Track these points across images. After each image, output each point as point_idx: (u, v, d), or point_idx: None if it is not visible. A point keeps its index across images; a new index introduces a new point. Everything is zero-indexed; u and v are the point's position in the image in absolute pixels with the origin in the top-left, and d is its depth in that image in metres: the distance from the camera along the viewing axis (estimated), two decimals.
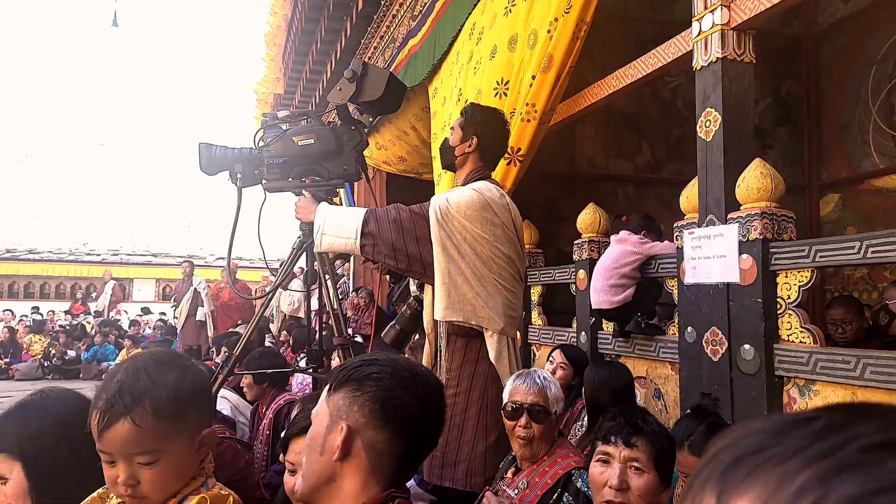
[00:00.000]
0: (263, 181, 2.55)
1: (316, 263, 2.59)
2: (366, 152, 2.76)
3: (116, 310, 15.22)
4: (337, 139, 2.51)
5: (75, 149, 22.04)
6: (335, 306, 2.54)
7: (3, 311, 14.56)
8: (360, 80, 2.41)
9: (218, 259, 17.30)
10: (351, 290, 8.33)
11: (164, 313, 15.42)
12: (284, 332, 8.25)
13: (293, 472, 1.56)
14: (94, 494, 1.22)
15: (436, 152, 4.97)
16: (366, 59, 7.99)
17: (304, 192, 2.47)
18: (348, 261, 9.09)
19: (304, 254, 2.57)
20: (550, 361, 3.14)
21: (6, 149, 21.35)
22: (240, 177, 2.53)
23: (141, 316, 14.86)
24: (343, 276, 9.32)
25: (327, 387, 1.12)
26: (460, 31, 4.54)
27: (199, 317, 10.31)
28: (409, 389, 1.07)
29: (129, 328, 12.94)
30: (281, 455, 1.76)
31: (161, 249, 19.69)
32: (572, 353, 3.16)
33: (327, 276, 2.63)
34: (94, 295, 17.19)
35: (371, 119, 2.67)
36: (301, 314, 9.46)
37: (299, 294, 9.31)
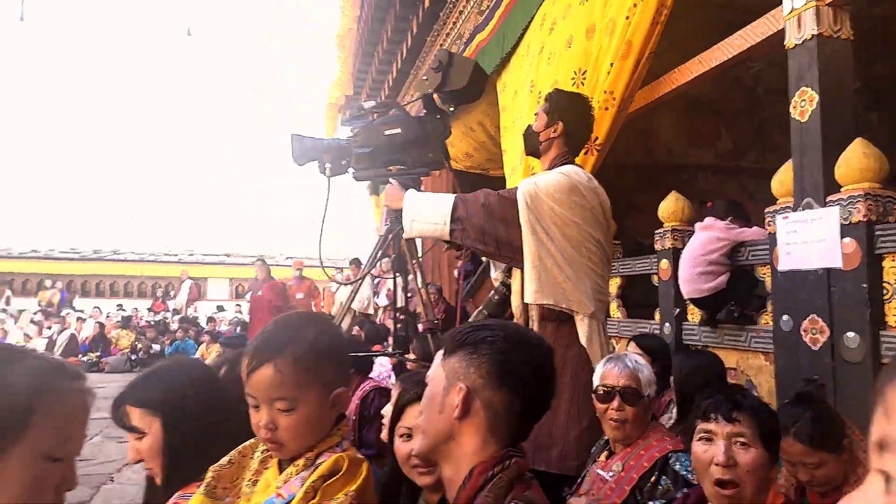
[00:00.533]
0: (351, 170, 2.62)
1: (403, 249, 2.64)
2: None
3: (194, 307, 15.90)
4: (422, 129, 2.55)
5: (151, 156, 23.12)
6: (423, 291, 2.58)
7: (93, 307, 15.45)
8: (446, 70, 2.44)
9: (287, 258, 17.81)
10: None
11: (239, 306, 16.08)
12: (357, 328, 8.40)
13: (408, 438, 1.62)
14: (240, 447, 1.29)
15: (506, 146, 4.98)
16: (433, 56, 8.10)
17: (391, 179, 2.52)
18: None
19: (394, 241, 2.62)
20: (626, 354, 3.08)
21: (93, 157, 22.60)
22: (329, 167, 2.61)
23: (216, 313, 15.48)
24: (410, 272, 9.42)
25: (442, 351, 1.17)
26: (530, 23, 4.52)
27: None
28: (522, 352, 1.12)
29: (207, 324, 13.50)
30: (384, 431, 1.81)
31: (233, 250, 20.46)
32: (649, 342, 3.08)
33: (415, 262, 2.68)
34: (172, 293, 18.01)
35: (452, 108, 2.70)
36: (371, 311, 9.64)
37: (368, 292, 9.49)
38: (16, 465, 0.91)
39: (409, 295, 3.08)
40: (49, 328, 13.66)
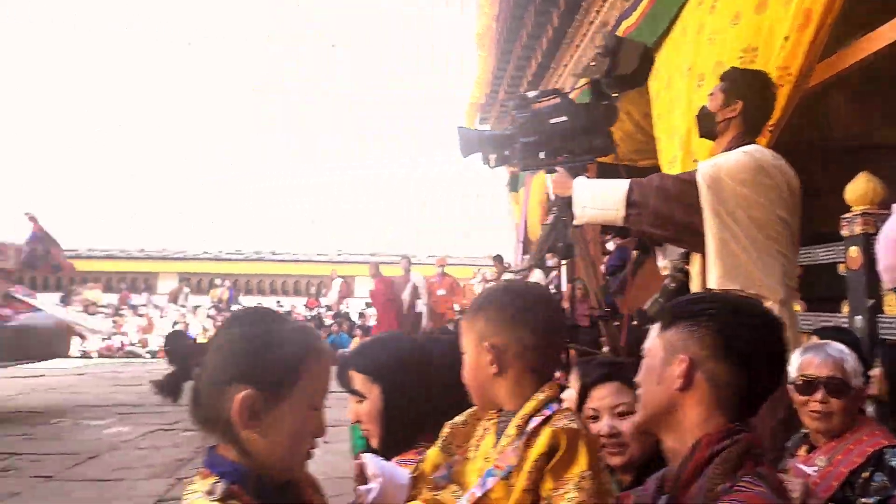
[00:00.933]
0: (516, 160, 2.67)
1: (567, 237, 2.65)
2: None
3: (345, 304, 16.85)
4: (588, 116, 2.54)
5: (292, 161, 24.57)
6: (593, 280, 2.57)
7: (256, 304, 16.90)
8: (614, 55, 2.42)
9: (429, 256, 18.39)
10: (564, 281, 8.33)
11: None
12: None
13: (595, 419, 1.64)
14: (474, 410, 1.37)
15: (660, 133, 4.78)
16: (574, 47, 7.97)
17: (558, 167, 2.54)
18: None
19: (561, 230, 2.63)
20: None
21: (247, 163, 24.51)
22: (493, 157, 2.67)
23: (365, 309, 16.32)
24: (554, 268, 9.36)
25: (659, 324, 1.18)
26: (685, 4, 4.32)
27: (417, 308, 11.07)
28: (748, 324, 1.10)
29: (358, 319, 14.28)
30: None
31: (378, 249, 21.48)
32: (836, 336, 2.83)
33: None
34: (324, 291, 19.23)
35: (616, 94, 2.66)
36: None
37: None
38: (289, 412, 1.04)
39: (557, 287, 3.06)
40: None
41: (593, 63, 2.54)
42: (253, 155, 24.75)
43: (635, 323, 3.34)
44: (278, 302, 18.59)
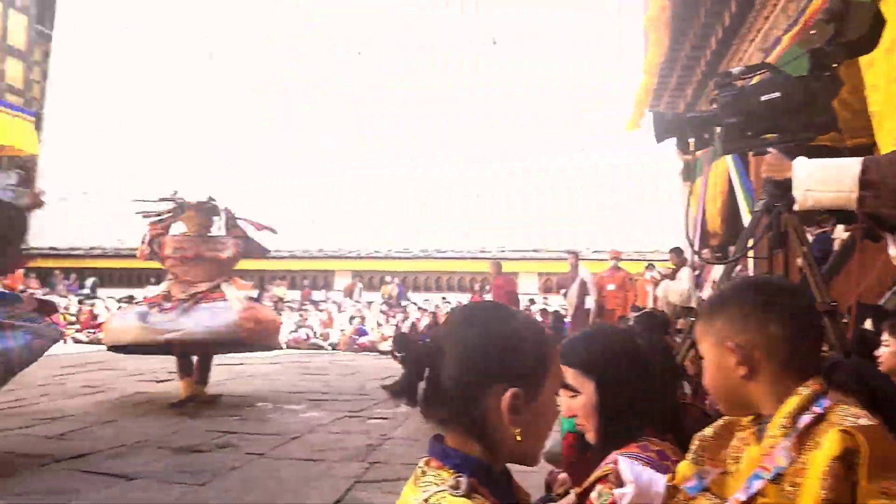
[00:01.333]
0: (719, 142, 2.47)
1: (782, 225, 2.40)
2: None
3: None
4: (806, 90, 2.28)
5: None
6: (811, 270, 2.32)
7: (423, 300, 17.62)
8: (840, 20, 2.15)
9: (594, 252, 17.96)
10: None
11: (546, 299, 16.81)
12: (681, 321, 8.02)
13: None
14: (724, 421, 1.30)
15: (878, 106, 4.21)
16: (762, 19, 7.29)
17: (770, 149, 2.31)
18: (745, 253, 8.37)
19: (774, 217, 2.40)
20: None
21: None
22: (692, 140, 2.50)
23: (529, 306, 16.33)
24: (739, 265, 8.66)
25: None
26: None
27: (586, 305, 10.81)
28: None
29: None
30: None
31: (542, 245, 21.38)
32: None
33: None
34: (487, 287, 19.52)
35: (836, 64, 2.36)
36: (693, 304, 9.10)
37: (688, 284, 8.99)
38: (546, 400, 1.05)
39: None
40: (393, 317, 15.99)
41: (813, 31, 2.28)
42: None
43: (845, 320, 2.97)
44: (444, 298, 19.21)
